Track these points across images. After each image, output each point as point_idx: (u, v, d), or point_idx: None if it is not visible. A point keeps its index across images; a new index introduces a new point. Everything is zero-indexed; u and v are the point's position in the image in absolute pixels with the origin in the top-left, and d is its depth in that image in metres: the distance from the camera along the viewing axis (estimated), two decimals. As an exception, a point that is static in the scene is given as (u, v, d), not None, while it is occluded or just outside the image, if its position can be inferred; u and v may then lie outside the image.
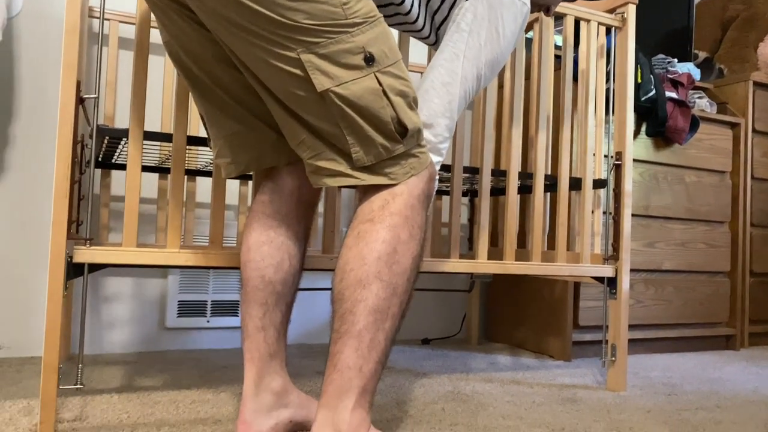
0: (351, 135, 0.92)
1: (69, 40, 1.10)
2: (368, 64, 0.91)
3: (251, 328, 1.11)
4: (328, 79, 0.89)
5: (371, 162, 0.94)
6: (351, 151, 0.93)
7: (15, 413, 1.22)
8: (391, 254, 0.93)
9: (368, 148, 0.93)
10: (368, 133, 0.92)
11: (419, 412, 1.34)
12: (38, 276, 1.78)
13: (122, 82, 1.87)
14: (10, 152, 1.76)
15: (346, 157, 0.94)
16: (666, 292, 2.27)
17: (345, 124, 0.92)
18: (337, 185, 0.96)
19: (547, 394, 1.56)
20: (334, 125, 0.92)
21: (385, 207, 0.95)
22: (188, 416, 1.25)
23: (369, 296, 0.91)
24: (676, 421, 1.37)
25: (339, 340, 0.92)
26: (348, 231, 0.97)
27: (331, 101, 0.90)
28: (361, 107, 0.91)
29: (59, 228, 1.09)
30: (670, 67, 2.40)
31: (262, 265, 1.10)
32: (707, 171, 2.40)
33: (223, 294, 2.00)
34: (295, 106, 0.94)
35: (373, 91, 0.92)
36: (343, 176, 0.95)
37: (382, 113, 0.92)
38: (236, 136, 1.10)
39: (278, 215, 1.11)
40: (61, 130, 1.10)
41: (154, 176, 1.90)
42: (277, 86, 0.93)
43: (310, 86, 0.90)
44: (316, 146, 0.96)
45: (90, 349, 1.84)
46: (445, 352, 2.08)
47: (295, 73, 0.90)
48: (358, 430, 0.91)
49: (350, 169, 0.95)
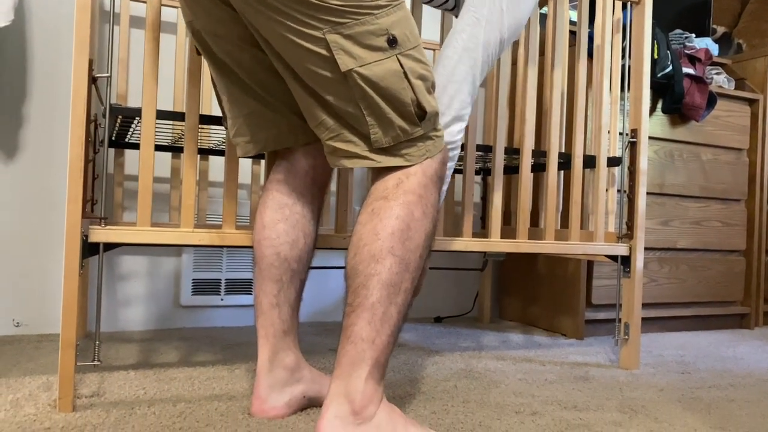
0: (371, 116, 0.94)
1: (80, 19, 1.10)
2: (391, 46, 0.92)
3: (266, 305, 1.13)
4: (351, 60, 0.91)
5: (389, 144, 0.95)
6: (370, 132, 0.94)
7: (34, 389, 1.24)
8: (405, 230, 0.94)
9: (387, 129, 0.94)
10: (388, 115, 0.93)
11: (432, 389, 1.35)
12: (54, 255, 1.80)
13: (134, 60, 1.86)
14: (25, 132, 1.77)
15: (364, 138, 0.96)
16: (680, 271, 2.26)
17: (365, 105, 0.93)
18: (353, 166, 0.98)
19: (559, 372, 1.56)
20: (355, 106, 0.93)
21: (399, 185, 0.96)
22: (204, 392, 1.27)
23: (382, 270, 0.93)
24: (689, 400, 1.37)
25: (352, 313, 0.94)
26: (362, 208, 0.98)
27: (354, 82, 0.91)
28: (383, 88, 0.92)
29: (74, 207, 1.10)
30: (688, 42, 2.36)
31: (277, 243, 1.11)
32: (724, 148, 2.37)
33: (237, 272, 2.01)
34: (317, 85, 0.94)
35: (394, 73, 0.93)
36: (360, 158, 0.97)
37: (403, 95, 0.93)
38: (255, 116, 1.11)
39: (293, 194, 1.12)
40: (74, 109, 1.10)
41: (167, 155, 1.91)
42: (301, 66, 0.94)
43: (333, 66, 0.91)
44: (334, 127, 0.97)
45: (106, 326, 1.87)
46: (457, 330, 2.09)
47: (319, 52, 0.91)
48: (371, 400, 0.93)
49: (367, 151, 0.96)
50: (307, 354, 1.65)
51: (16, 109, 1.76)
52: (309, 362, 1.55)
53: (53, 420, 1.07)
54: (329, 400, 0.93)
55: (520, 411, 1.23)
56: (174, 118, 1.28)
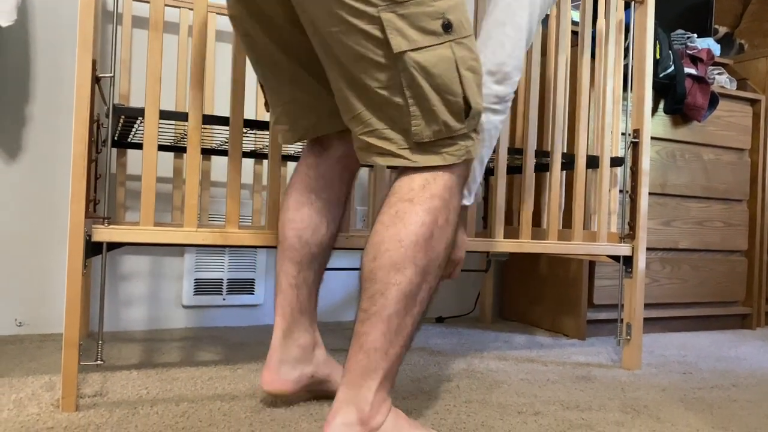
0: (415, 105, 0.90)
1: (83, 19, 1.10)
2: (446, 32, 0.89)
3: (285, 285, 1.15)
4: (405, 41, 0.87)
5: (429, 138, 0.91)
6: (411, 124, 0.90)
7: (37, 388, 1.24)
8: (428, 239, 0.92)
9: (430, 122, 0.91)
10: (433, 106, 0.90)
11: (434, 389, 1.35)
12: (57, 254, 1.80)
13: (137, 60, 1.87)
14: (28, 132, 1.77)
15: (402, 133, 0.92)
16: (682, 271, 2.26)
17: (412, 93, 0.89)
18: (386, 164, 0.94)
19: (561, 372, 1.56)
20: (400, 94, 0.89)
21: (425, 187, 0.93)
22: (206, 392, 1.27)
23: (402, 281, 0.90)
24: (691, 400, 1.37)
25: (367, 320, 0.92)
26: (383, 207, 0.95)
27: (404, 66, 0.88)
28: (434, 75, 0.89)
29: (77, 207, 1.10)
30: (690, 42, 2.36)
31: (300, 226, 1.13)
32: (726, 149, 2.36)
33: (239, 272, 2.01)
34: (362, 70, 0.90)
35: (447, 61, 0.89)
36: (395, 156, 0.93)
37: (453, 86, 0.90)
38: (295, 104, 1.11)
39: (322, 179, 1.13)
40: (77, 109, 1.10)
41: (169, 155, 1.91)
42: (347, 48, 0.89)
43: (385, 47, 0.87)
44: (371, 121, 0.93)
45: (109, 326, 1.87)
46: (459, 331, 2.09)
47: (371, 32, 0.87)
48: (379, 410, 0.92)
49: (403, 148, 0.92)
50: (309, 354, 1.65)
51: (19, 109, 1.76)
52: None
53: (56, 420, 1.07)
54: (337, 407, 0.92)
55: (522, 411, 1.23)
56: (177, 118, 1.28)
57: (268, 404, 1.20)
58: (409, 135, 0.91)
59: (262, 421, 1.11)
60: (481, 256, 2.38)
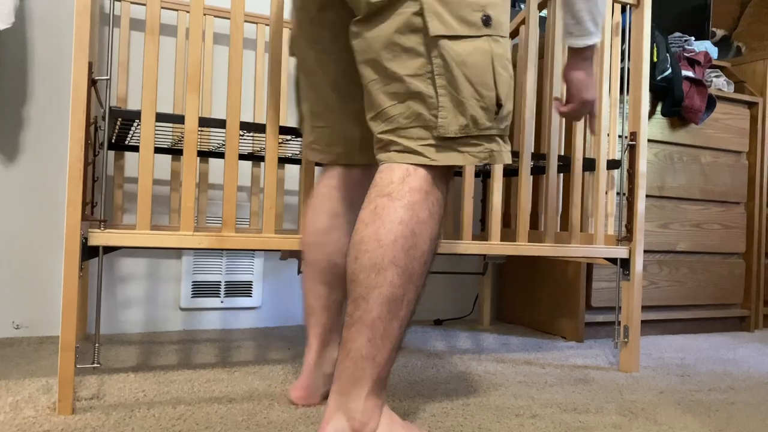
0: (445, 96, 0.87)
1: (80, 22, 1.10)
2: (485, 25, 0.88)
3: (317, 307, 1.17)
4: (443, 26, 0.86)
5: (454, 134, 0.88)
6: (438, 117, 0.87)
7: (34, 391, 1.24)
8: (409, 237, 0.88)
9: (457, 116, 0.88)
10: (464, 98, 0.87)
11: (431, 392, 1.35)
12: (54, 257, 1.80)
13: (134, 63, 1.87)
14: (25, 134, 1.77)
15: (425, 129, 0.89)
16: (680, 274, 2.26)
17: (443, 83, 0.87)
18: (404, 162, 0.90)
19: (559, 375, 1.56)
20: (430, 83, 0.87)
21: (405, 180, 0.89)
22: (203, 395, 1.27)
23: (384, 283, 0.87)
24: (688, 402, 1.37)
25: (352, 326, 0.90)
26: (365, 201, 0.93)
27: (438, 52, 0.86)
28: (469, 65, 0.87)
29: (74, 209, 1.10)
30: (687, 45, 2.36)
31: (331, 251, 1.14)
32: (723, 151, 2.37)
33: (237, 275, 2.01)
34: (392, 57, 0.88)
35: (484, 53, 0.88)
36: (414, 153, 0.90)
37: (487, 79, 0.88)
38: (332, 131, 1.13)
39: (346, 201, 1.14)
40: (73, 111, 1.10)
41: (167, 157, 1.91)
42: (382, 32, 0.88)
43: (422, 31, 0.86)
44: (393, 118, 0.90)
45: (105, 328, 1.87)
46: (457, 333, 2.09)
47: (409, 15, 0.86)
48: (371, 416, 0.91)
49: (423, 146, 0.89)
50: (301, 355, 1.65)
51: (16, 111, 1.76)
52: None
53: (53, 422, 1.07)
54: (329, 414, 0.91)
55: (519, 414, 1.23)
56: (174, 121, 1.28)
57: (265, 407, 1.20)
58: (432, 130, 0.89)
59: (258, 423, 1.10)
60: (478, 259, 2.38)
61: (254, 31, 2.03)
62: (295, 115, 2.09)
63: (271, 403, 1.23)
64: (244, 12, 1.49)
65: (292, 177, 2.09)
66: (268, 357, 1.63)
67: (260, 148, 1.74)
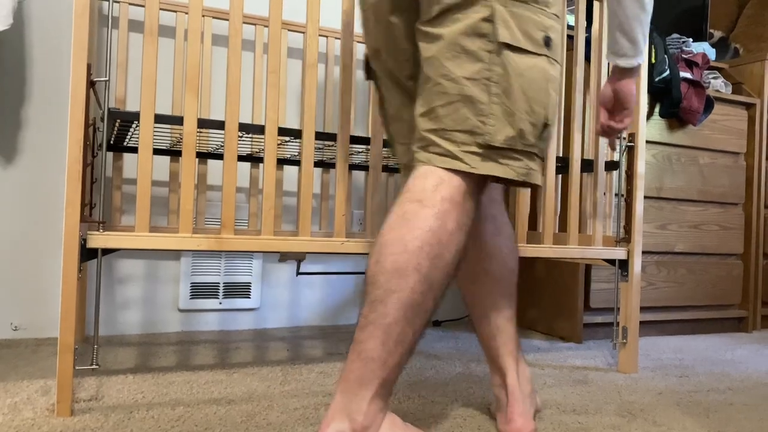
0: (497, 104, 0.88)
1: (79, 23, 1.10)
2: (546, 46, 0.90)
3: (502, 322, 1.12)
4: (509, 35, 0.88)
5: (498, 143, 0.89)
6: (486, 123, 0.88)
7: (32, 393, 1.24)
8: (435, 246, 0.87)
9: (505, 126, 0.88)
10: (516, 109, 0.89)
11: (431, 393, 1.35)
12: (53, 258, 1.80)
13: (133, 64, 1.87)
14: (24, 135, 1.77)
15: (469, 134, 0.89)
16: (678, 275, 2.26)
17: (497, 91, 0.88)
18: (442, 166, 0.90)
19: (557, 376, 1.56)
20: (485, 89, 0.88)
21: (438, 188, 0.89)
22: (202, 396, 1.27)
23: (405, 288, 0.86)
24: (687, 403, 1.37)
25: (366, 328, 0.88)
26: (394, 206, 0.92)
27: (500, 60, 0.88)
28: (526, 78, 0.89)
29: (72, 211, 1.10)
30: (685, 46, 2.37)
31: (502, 256, 1.10)
32: (721, 152, 2.37)
33: (236, 276, 2.01)
34: (452, 58, 0.89)
35: (541, 71, 0.90)
36: (454, 158, 0.89)
37: (541, 96, 0.90)
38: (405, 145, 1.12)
39: (493, 203, 1.11)
40: (72, 113, 1.10)
41: (166, 158, 1.91)
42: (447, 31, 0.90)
43: (487, 37, 0.88)
44: (441, 119, 0.90)
45: (104, 330, 1.86)
46: (456, 334, 2.09)
47: (478, 20, 0.88)
48: (374, 420, 0.89)
49: (464, 152, 0.89)
50: (306, 358, 1.65)
51: (14, 112, 1.76)
52: (309, 366, 1.55)
53: (51, 424, 1.07)
54: (331, 415, 0.89)
55: (518, 415, 1.23)
56: (172, 122, 1.28)
57: (264, 408, 1.20)
58: (476, 137, 0.89)
59: (258, 425, 1.10)
60: (477, 260, 2.38)
61: (253, 33, 2.03)
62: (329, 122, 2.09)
63: (270, 404, 1.23)
64: (243, 13, 1.49)
65: (291, 178, 2.09)
66: (266, 358, 1.63)
67: (259, 150, 1.74)
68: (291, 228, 2.08)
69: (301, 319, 2.13)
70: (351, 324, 2.20)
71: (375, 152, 1.39)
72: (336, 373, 1.49)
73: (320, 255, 2.11)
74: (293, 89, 2.09)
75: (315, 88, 1.32)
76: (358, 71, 2.18)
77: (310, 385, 1.39)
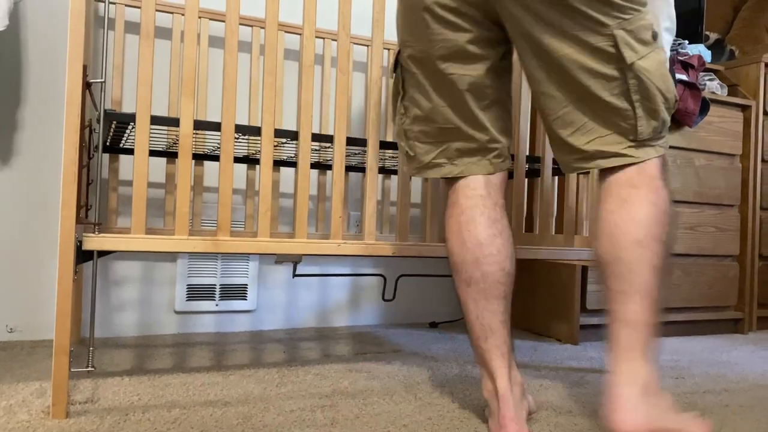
0: (641, 108, 0.99)
1: (74, 25, 1.10)
2: (654, 40, 1.00)
3: (495, 324, 1.11)
4: (633, 53, 0.97)
5: (649, 135, 1.01)
6: (637, 125, 0.99)
7: (28, 395, 1.24)
8: (662, 215, 0.99)
9: (650, 122, 1.00)
10: (656, 106, 0.99)
11: (427, 395, 1.35)
12: (48, 260, 1.79)
13: (129, 66, 1.86)
14: (19, 137, 1.77)
15: (623, 135, 1.01)
16: (674, 276, 2.26)
17: (639, 97, 0.98)
18: (610, 165, 1.02)
19: (554, 377, 1.56)
20: (627, 100, 0.99)
21: (642, 172, 1.01)
22: (198, 398, 1.26)
23: (649, 254, 0.97)
24: (683, 405, 1.37)
25: (626, 298, 0.98)
26: (604, 196, 1.03)
27: (634, 74, 0.97)
28: (657, 77, 0.99)
29: (68, 212, 1.10)
30: (681, 48, 2.37)
31: (500, 259, 1.10)
32: (717, 154, 2.38)
33: (232, 278, 2.01)
34: (590, 84, 0.99)
35: (660, 63, 1.00)
36: (619, 156, 1.01)
37: (668, 84, 1.01)
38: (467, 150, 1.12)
39: (497, 207, 1.13)
40: (67, 114, 1.10)
41: (162, 160, 1.91)
42: (575, 65, 0.99)
43: (616, 60, 0.97)
44: (595, 129, 1.02)
45: (100, 332, 1.86)
46: (452, 336, 2.09)
47: (604, 48, 0.97)
48: (657, 382, 0.98)
49: (625, 148, 1.01)
50: (303, 360, 1.65)
51: (10, 114, 1.76)
52: (306, 367, 1.55)
53: (46, 427, 1.06)
54: (621, 384, 0.96)
55: (515, 416, 1.23)
56: (168, 124, 1.28)
57: (260, 410, 1.20)
58: (629, 135, 1.00)
59: (254, 427, 1.10)
60: (474, 261, 2.38)
61: (249, 34, 2.03)
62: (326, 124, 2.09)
63: (267, 406, 1.23)
64: (239, 15, 1.49)
65: (288, 180, 2.09)
66: (263, 360, 1.62)
67: (255, 151, 1.74)
68: (287, 230, 2.08)
69: (297, 320, 2.13)
70: (348, 326, 2.20)
71: (371, 154, 1.39)
72: (333, 375, 1.49)
73: (317, 257, 2.11)
74: (290, 91, 2.09)
75: (312, 89, 1.32)
76: (355, 73, 2.18)
77: (307, 387, 1.39)
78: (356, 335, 2.03)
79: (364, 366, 1.60)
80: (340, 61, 1.35)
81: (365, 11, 2.16)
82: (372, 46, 1.39)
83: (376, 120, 1.40)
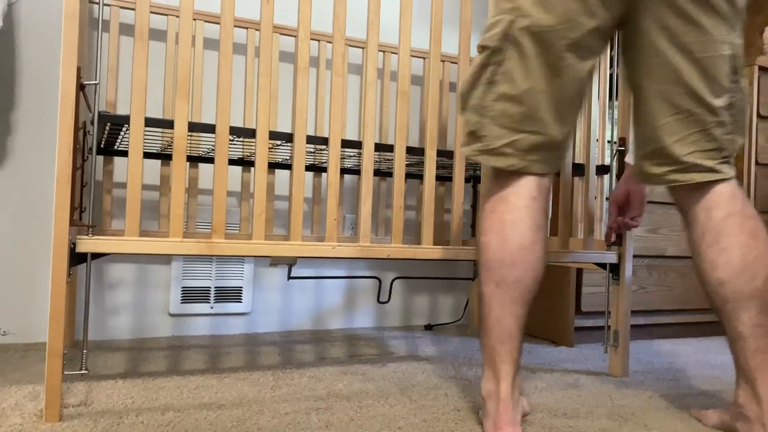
0: (735, 124, 1.05)
1: (68, 27, 1.09)
2: None
3: (515, 329, 1.09)
4: (741, 63, 1.03)
5: (734, 153, 1.06)
6: (730, 142, 1.05)
7: (21, 398, 1.23)
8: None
9: (738, 139, 1.06)
10: (746, 122, 1.07)
11: (422, 397, 1.35)
12: (42, 262, 1.78)
13: (124, 68, 1.86)
14: (13, 139, 1.76)
15: (717, 151, 1.06)
16: (669, 278, 2.27)
17: (736, 112, 1.04)
18: (703, 180, 1.06)
19: (549, 380, 1.57)
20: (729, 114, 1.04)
21: (736, 197, 1.07)
22: (192, 401, 1.26)
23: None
24: (678, 407, 1.37)
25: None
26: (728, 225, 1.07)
27: (738, 87, 1.03)
28: (746, 95, 1.05)
29: (62, 215, 1.09)
30: (675, 51, 2.38)
31: (537, 266, 1.09)
32: (711, 156, 2.38)
33: (227, 280, 2.00)
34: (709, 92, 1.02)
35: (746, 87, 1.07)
36: (712, 172, 1.06)
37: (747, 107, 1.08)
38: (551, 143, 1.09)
39: (543, 212, 1.11)
40: (62, 116, 1.09)
41: (156, 162, 1.90)
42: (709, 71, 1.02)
43: (734, 71, 1.02)
44: (697, 143, 1.05)
45: (94, 335, 1.85)
46: (447, 338, 2.09)
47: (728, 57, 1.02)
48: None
49: (717, 164, 1.06)
50: (297, 363, 1.64)
51: (4, 115, 1.75)
52: (301, 370, 1.55)
53: (40, 430, 1.06)
54: None
55: (510, 419, 1.23)
56: (163, 126, 1.28)
57: (255, 413, 1.20)
58: (720, 152, 1.05)
59: (248, 430, 1.10)
60: (468, 264, 2.39)
61: (244, 36, 2.03)
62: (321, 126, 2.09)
63: (261, 409, 1.22)
64: (234, 17, 1.49)
65: (283, 182, 2.08)
66: (258, 363, 1.62)
67: (250, 153, 1.74)
68: (282, 232, 2.08)
69: (292, 323, 2.13)
70: (343, 328, 2.20)
71: (367, 156, 1.38)
72: (328, 378, 1.49)
73: (312, 259, 2.11)
74: (285, 93, 2.09)
75: (306, 91, 1.32)
76: (350, 75, 2.18)
77: (302, 389, 1.38)
78: (351, 338, 2.03)
79: (359, 368, 1.60)
80: (335, 63, 1.35)
81: (360, 13, 2.17)
82: (367, 48, 1.39)
83: (371, 122, 1.40)
